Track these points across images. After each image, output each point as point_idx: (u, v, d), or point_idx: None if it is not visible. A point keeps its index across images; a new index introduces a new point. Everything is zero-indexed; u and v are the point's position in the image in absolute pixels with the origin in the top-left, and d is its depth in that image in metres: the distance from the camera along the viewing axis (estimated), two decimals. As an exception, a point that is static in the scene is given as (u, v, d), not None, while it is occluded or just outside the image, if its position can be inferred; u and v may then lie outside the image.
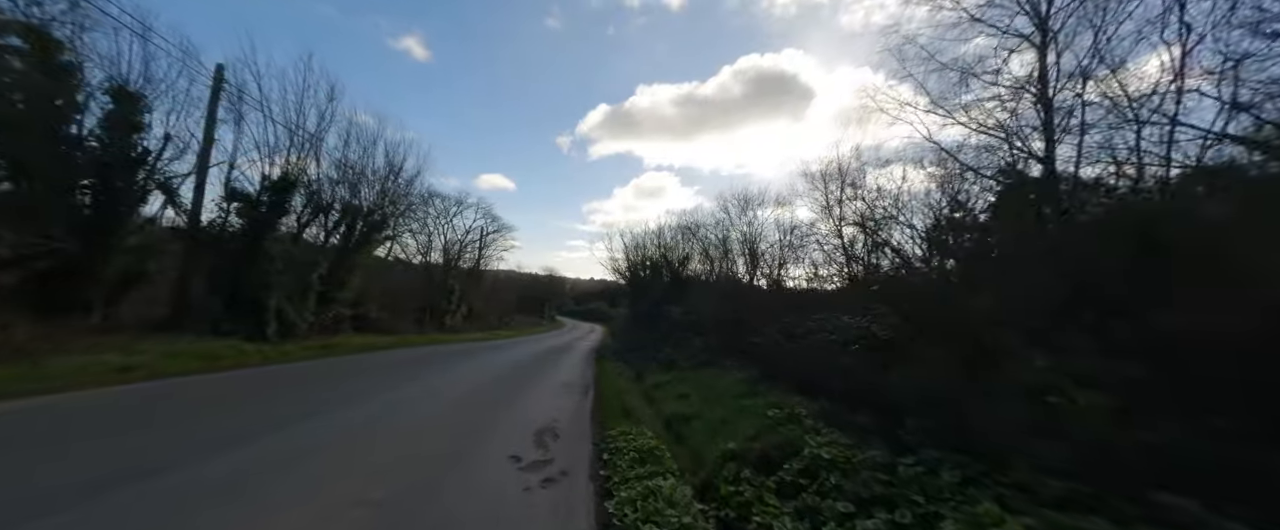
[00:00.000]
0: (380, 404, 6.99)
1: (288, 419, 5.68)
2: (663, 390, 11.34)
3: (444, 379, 10.01)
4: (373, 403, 6.99)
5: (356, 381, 8.79)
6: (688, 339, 15.56)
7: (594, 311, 74.70)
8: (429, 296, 25.33)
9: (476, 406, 7.59)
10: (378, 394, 7.62)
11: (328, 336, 14.51)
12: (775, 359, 8.92)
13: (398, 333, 19.43)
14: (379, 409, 6.69)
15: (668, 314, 19.93)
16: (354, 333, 16.14)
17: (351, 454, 4.73)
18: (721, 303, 13.95)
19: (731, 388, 9.07)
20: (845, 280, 13.21)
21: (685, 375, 12.01)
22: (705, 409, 8.35)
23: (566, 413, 8.07)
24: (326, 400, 6.91)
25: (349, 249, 15.82)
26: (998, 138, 9.28)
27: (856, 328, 6.70)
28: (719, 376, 10.30)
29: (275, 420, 5.59)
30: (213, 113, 10.86)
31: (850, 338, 7.00)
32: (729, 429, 6.93)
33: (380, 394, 7.65)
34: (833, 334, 7.64)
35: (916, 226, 12.62)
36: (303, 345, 12.40)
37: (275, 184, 11.70)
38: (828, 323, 8.49)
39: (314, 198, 13.76)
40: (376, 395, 7.54)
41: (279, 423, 5.49)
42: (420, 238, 29.84)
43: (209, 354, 9.08)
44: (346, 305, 16.22)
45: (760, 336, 9.86)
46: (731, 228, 25.14)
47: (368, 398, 7.29)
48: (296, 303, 13.47)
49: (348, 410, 6.37)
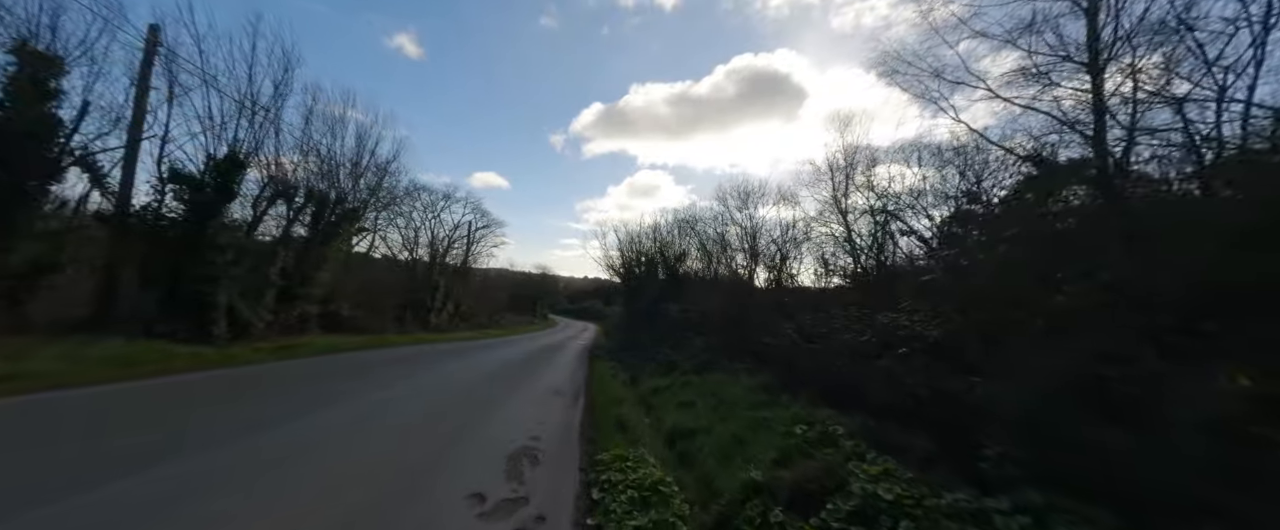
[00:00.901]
0: (312, 425, 5.64)
1: (168, 450, 4.32)
2: (663, 397, 10.07)
3: (411, 386, 8.68)
4: (303, 424, 5.63)
5: (297, 393, 7.44)
6: (688, 339, 14.30)
7: (587, 310, 73.68)
8: (412, 293, 23.87)
9: (442, 423, 6.27)
10: (314, 411, 6.26)
11: (292, 337, 13.09)
12: (794, 362, 7.68)
13: (375, 332, 18.00)
14: (307, 432, 5.34)
15: (665, 312, 18.68)
16: (322, 333, 14.71)
17: (235, 505, 3.41)
18: (726, 300, 12.70)
19: (743, 396, 7.82)
20: (856, 275, 12.00)
21: (687, 379, 10.74)
22: (715, 422, 7.09)
23: (552, 428, 6.78)
24: (243, 420, 5.53)
25: (316, 240, 14.38)
26: (1048, 117, 8.14)
27: (900, 327, 5.46)
28: (727, 382, 9.04)
29: (143, 452, 4.21)
30: (145, 80, 9.42)
31: (892, 339, 5.75)
32: (747, 449, 5.67)
33: (317, 411, 6.29)
34: (864, 334, 6.40)
35: (934, 217, 11.47)
36: (255, 347, 10.99)
37: (221, 164, 10.27)
38: (854, 321, 7.26)
39: (273, 182, 12.31)
40: (312, 412, 6.18)
41: (146, 456, 4.11)
42: (407, 233, 28.40)
43: (127, 359, 7.68)
44: (314, 302, 14.79)
45: (774, 337, 8.62)
46: (730, 223, 23.93)
47: (299, 416, 5.93)
48: (251, 300, 12.04)
49: (261, 435, 5.01)
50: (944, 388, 4.78)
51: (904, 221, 9.28)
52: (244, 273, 11.57)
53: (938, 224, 8.75)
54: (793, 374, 7.59)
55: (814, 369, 6.62)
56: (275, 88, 11.44)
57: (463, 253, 33.66)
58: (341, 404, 6.74)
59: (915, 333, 5.23)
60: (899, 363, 5.15)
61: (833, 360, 6.57)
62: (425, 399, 7.74)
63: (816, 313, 9.20)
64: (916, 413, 4.87)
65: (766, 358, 8.93)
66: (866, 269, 11.50)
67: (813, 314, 9.41)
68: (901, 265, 10.98)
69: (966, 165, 12.16)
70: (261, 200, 12.35)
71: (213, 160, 10.37)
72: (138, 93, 9.36)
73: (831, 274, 13.59)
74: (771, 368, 8.44)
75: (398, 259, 27.76)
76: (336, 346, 13.01)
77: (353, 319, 16.88)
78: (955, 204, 11.34)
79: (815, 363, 6.67)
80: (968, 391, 4.54)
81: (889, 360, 5.42)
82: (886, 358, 5.66)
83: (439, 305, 27.22)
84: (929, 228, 11.72)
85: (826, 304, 10.97)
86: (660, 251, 26.75)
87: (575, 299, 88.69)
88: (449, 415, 6.68)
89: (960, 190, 9.56)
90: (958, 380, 4.63)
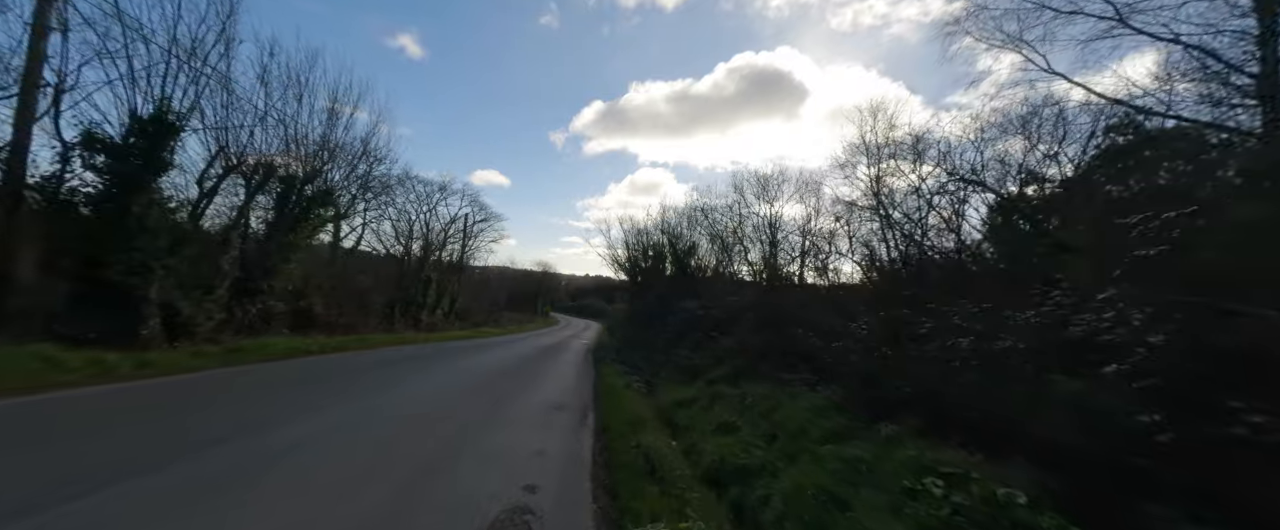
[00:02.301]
0: (186, 477, 3.71)
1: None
2: (692, 414, 8.14)
3: (372, 403, 6.75)
4: (156, 481, 3.70)
5: (199, 421, 5.50)
6: (710, 339, 12.37)
7: (589, 308, 72.45)
8: (401, 290, 21.94)
9: (393, 469, 4.33)
10: (192, 456, 4.32)
11: (248, 337, 11.18)
12: (874, 376, 5.74)
13: (357, 331, 16.09)
14: (169, 495, 3.41)
15: (678, 310, 16.73)
16: (290, 333, 12.80)
17: None
18: (759, 296, 10.75)
19: (808, 419, 5.87)
20: (919, 263, 10.03)
21: (719, 390, 8.80)
22: (777, 458, 5.16)
23: (554, 468, 4.85)
24: (52, 477, 3.61)
25: (282, 226, 12.44)
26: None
27: (1101, 328, 3.50)
28: (777, 396, 7.07)
29: None
30: (43, 17, 7.48)
31: (1071, 345, 3.80)
32: (851, 517, 3.74)
33: (200, 454, 4.35)
34: (999, 337, 4.45)
35: (1000, 192, 9.46)
36: (195, 352, 9.07)
37: (147, 125, 8.33)
38: (977, 319, 5.31)
39: (223, 153, 10.35)
40: (186, 460, 4.24)
41: None
42: (399, 225, 26.43)
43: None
44: (280, 298, 12.87)
45: (836, 339, 6.68)
46: (744, 214, 21.99)
47: (159, 468, 3.99)
48: (196, 295, 10.12)
49: (71, 504, 3.08)
50: (1207, 433, 2.84)
51: (993, 189, 7.33)
52: (184, 262, 9.64)
53: (1057, 183, 6.83)
54: (874, 391, 5.65)
55: (930, 388, 4.68)
56: (219, 37, 9.42)
57: (459, 248, 31.74)
58: (285, 428, 4.81)
59: (1129, 337, 3.28)
60: (1111, 386, 3.20)
61: (954, 376, 4.62)
62: (397, 418, 5.80)
63: (878, 311, 7.28)
64: (1162, 478, 2.94)
65: (825, 367, 6.99)
66: (928, 255, 9.54)
67: (872, 311, 7.49)
68: (971, 246, 9.05)
69: (1036, 131, 10.20)
70: (209, 176, 10.40)
71: (138, 121, 8.43)
72: (32, 33, 7.43)
73: (876, 266, 11.65)
74: (836, 379, 6.50)
75: (390, 253, 25.88)
76: (300, 349, 11.09)
77: (329, 317, 14.96)
78: (1025, 175, 9.38)
79: (938, 380, 4.73)
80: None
81: (1080, 379, 3.47)
82: (1076, 375, 3.71)
83: (432, 303, 25.32)
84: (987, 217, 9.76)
85: (865, 301, 9.06)
86: (670, 244, 24.78)
87: (576, 296, 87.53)
88: (406, 454, 4.74)
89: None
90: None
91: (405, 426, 5.77)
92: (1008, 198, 7.56)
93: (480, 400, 7.91)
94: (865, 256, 12.50)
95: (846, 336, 6.90)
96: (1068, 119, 10.16)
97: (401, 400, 7.24)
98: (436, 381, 9.31)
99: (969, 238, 8.34)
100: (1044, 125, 10.08)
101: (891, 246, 11.29)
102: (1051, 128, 10.05)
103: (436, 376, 9.95)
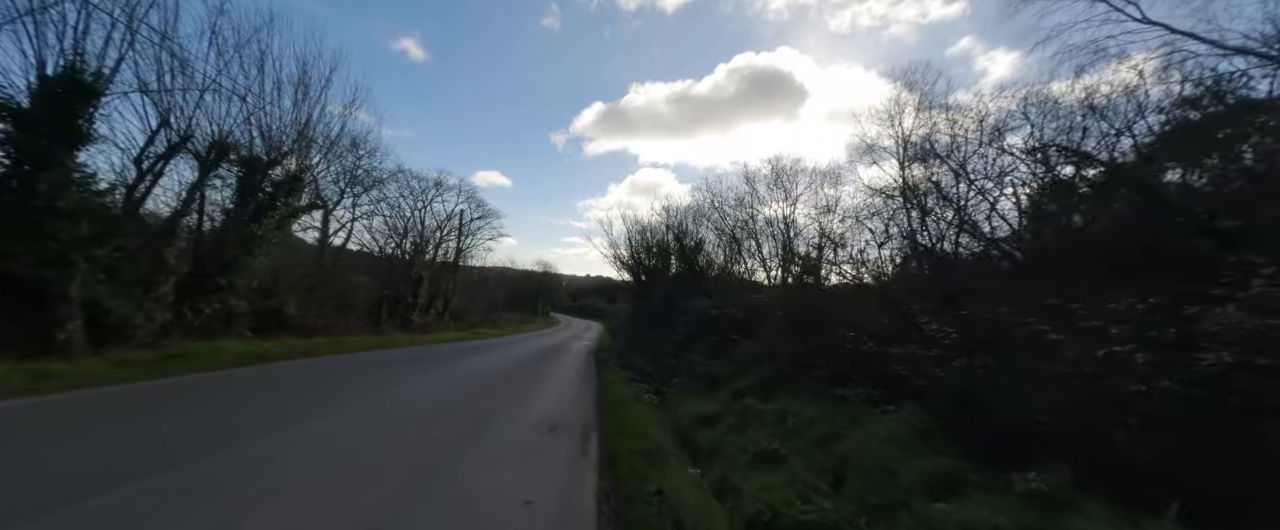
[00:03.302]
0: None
1: None
2: (715, 434, 6.66)
3: (317, 428, 5.26)
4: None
5: (24, 466, 4.02)
6: (729, 343, 10.89)
7: (590, 308, 71.42)
8: (389, 289, 20.47)
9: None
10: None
11: (200, 341, 9.71)
12: (976, 397, 4.26)
13: (335, 333, 14.62)
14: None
15: (690, 309, 15.25)
16: (253, 336, 11.32)
17: None
18: (791, 296, 9.27)
19: (893, 454, 4.36)
20: (967, 257, 8.56)
21: (748, 404, 7.31)
22: (860, 515, 3.68)
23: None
24: None
25: (243, 215, 10.98)
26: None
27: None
28: (843, 419, 5.53)
29: None
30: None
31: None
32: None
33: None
34: (1220, 352, 2.97)
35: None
36: (119, 360, 7.60)
37: (55, 85, 6.86)
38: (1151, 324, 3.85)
39: (165, 127, 8.87)
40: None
41: None
42: (392, 222, 24.91)
43: None
44: (242, 296, 11.40)
45: (914, 346, 5.20)
46: (756, 209, 20.51)
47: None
48: (134, 292, 8.66)
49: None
50: None
51: (1100, 160, 5.86)
52: (115, 254, 8.18)
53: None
54: (978, 417, 4.16)
55: (1075, 421, 3.19)
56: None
57: (455, 245, 30.24)
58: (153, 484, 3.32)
59: None
60: None
61: (1128, 404, 3.14)
62: (309, 469, 4.28)
63: (949, 309, 5.80)
64: None
65: (892, 379, 5.50)
66: (996, 243, 8.05)
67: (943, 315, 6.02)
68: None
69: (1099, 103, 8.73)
70: (149, 154, 8.93)
71: (46, 81, 6.96)
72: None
73: (916, 259, 10.16)
74: (912, 396, 5.02)
75: (382, 251, 24.39)
76: (257, 355, 9.61)
77: (303, 318, 13.49)
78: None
79: (1072, 406, 3.25)
80: None
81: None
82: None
83: (423, 302, 23.85)
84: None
85: (917, 296, 7.58)
86: (676, 238, 23.29)
87: (577, 297, 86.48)
88: (325, 519, 3.25)
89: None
90: None
91: (347, 463, 4.28)
92: (1120, 166, 6.09)
93: (459, 420, 6.43)
94: (905, 246, 11.03)
95: (915, 341, 5.41)
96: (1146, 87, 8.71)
97: (356, 422, 5.76)
98: (411, 393, 7.85)
99: (1053, 220, 6.86)
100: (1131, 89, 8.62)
101: (940, 235, 9.81)
102: (1133, 94, 8.60)
103: (413, 386, 8.49)
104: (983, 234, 7.44)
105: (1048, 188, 6.85)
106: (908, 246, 10.43)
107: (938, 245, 8.39)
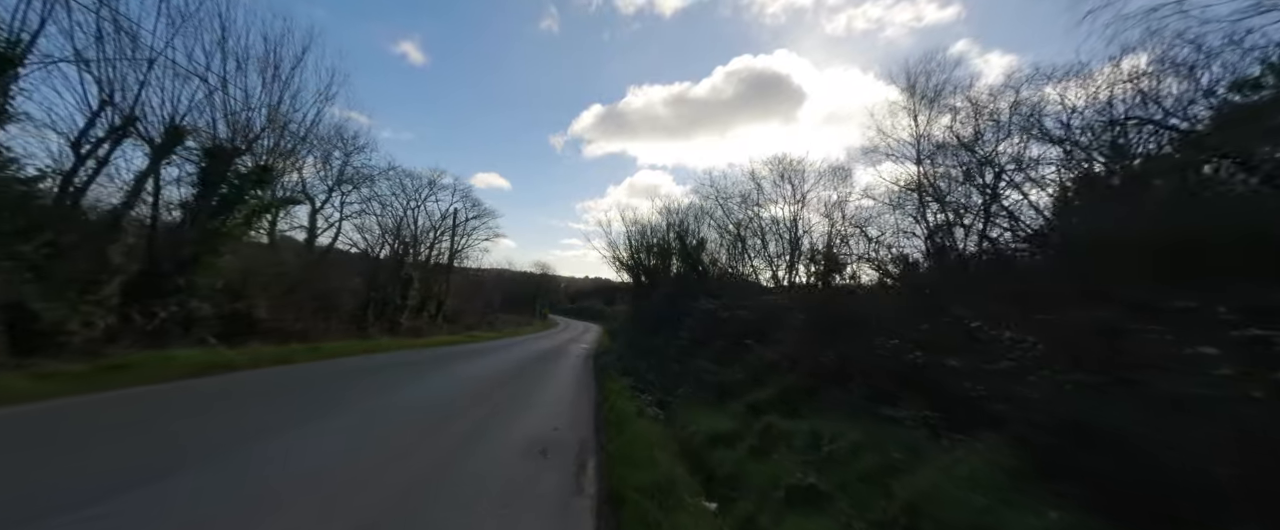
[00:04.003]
0: None
1: None
2: (733, 457, 5.65)
3: (263, 453, 4.24)
4: None
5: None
6: (741, 349, 9.89)
7: (588, 310, 70.65)
8: (375, 290, 19.41)
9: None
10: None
11: (151, 349, 8.68)
12: (1093, 428, 3.27)
13: (312, 338, 13.58)
14: None
15: (694, 311, 14.25)
16: (217, 342, 10.28)
17: None
18: (822, 296, 8.27)
19: (981, 503, 3.36)
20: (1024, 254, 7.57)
21: (772, 423, 6.29)
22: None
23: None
24: None
25: (204, 210, 9.94)
26: None
27: None
28: (898, 449, 4.49)
29: None
30: None
31: None
32: None
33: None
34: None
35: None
36: (43, 374, 6.56)
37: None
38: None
39: (109, 108, 7.84)
40: None
41: None
42: (384, 221, 23.81)
43: None
44: (205, 298, 10.36)
45: (998, 361, 4.21)
46: (763, 204, 19.57)
47: None
48: (70, 294, 7.63)
49: None
50: None
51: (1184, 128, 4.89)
52: (42, 250, 7.15)
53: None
54: (1118, 465, 3.15)
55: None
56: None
57: (449, 245, 29.18)
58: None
59: None
60: None
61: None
62: (229, 517, 3.25)
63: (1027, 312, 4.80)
64: None
65: (956, 398, 4.49)
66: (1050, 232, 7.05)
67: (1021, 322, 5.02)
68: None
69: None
70: (89, 137, 7.90)
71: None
72: None
73: (952, 256, 9.17)
74: (989, 423, 4.02)
75: (374, 251, 23.29)
76: (216, 364, 8.58)
77: (276, 322, 12.45)
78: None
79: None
80: None
81: None
82: None
83: (414, 304, 22.79)
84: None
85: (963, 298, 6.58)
86: (678, 237, 22.28)
87: (576, 298, 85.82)
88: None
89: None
90: None
91: (279, 509, 3.27)
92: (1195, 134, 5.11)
93: (436, 441, 5.42)
94: (932, 245, 10.03)
95: (979, 352, 4.42)
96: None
97: (307, 448, 4.73)
98: (385, 406, 6.83)
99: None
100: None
101: (975, 229, 8.82)
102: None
103: (387, 399, 7.47)
104: (1045, 225, 6.45)
105: (1147, 160, 5.83)
106: (936, 244, 9.44)
107: (982, 241, 7.41)
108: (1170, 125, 5.62)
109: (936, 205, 11.01)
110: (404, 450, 5.06)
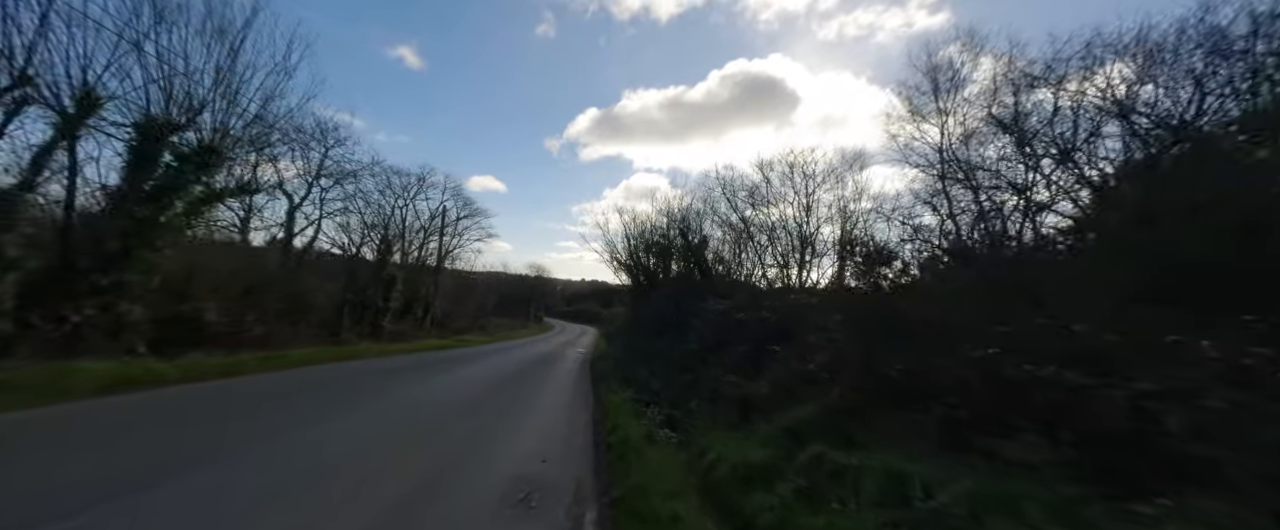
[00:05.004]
0: None
1: None
2: (777, 504, 4.23)
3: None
4: None
5: None
6: (766, 356, 8.47)
7: (585, 312, 69.29)
8: (352, 291, 17.88)
9: None
10: None
11: (61, 359, 7.17)
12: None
13: (275, 346, 12.07)
14: None
15: (702, 313, 12.84)
16: (148, 352, 8.76)
17: None
18: (870, 295, 6.86)
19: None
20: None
21: (823, 456, 4.89)
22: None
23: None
24: None
25: (135, 196, 8.45)
26: None
27: None
28: (1054, 510, 3.11)
29: None
30: None
31: None
32: None
33: None
34: None
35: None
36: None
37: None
38: None
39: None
40: None
41: None
42: (368, 218, 22.23)
43: None
44: (137, 300, 8.85)
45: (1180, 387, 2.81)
46: (770, 203, 18.36)
47: None
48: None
49: None
50: None
51: None
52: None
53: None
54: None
55: None
56: None
57: (438, 245, 27.61)
58: None
59: None
60: None
61: None
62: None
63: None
64: None
65: (1162, 457, 3.09)
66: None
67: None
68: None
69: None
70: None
71: None
72: None
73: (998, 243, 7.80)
74: (1226, 492, 2.61)
75: (360, 251, 21.73)
76: (138, 378, 7.08)
77: (229, 327, 10.94)
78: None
79: None
80: None
81: None
82: None
83: (397, 307, 21.24)
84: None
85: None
86: (681, 233, 20.87)
87: (572, 301, 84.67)
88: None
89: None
90: None
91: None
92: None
93: (395, 486, 3.97)
94: (978, 236, 8.66)
95: (1172, 374, 3.03)
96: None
97: (207, 507, 3.26)
98: (321, 439, 5.34)
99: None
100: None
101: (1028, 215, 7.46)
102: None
103: (346, 422, 6.01)
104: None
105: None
106: (980, 239, 8.07)
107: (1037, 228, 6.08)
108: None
109: (969, 195, 9.72)
110: (358, 493, 3.62)
